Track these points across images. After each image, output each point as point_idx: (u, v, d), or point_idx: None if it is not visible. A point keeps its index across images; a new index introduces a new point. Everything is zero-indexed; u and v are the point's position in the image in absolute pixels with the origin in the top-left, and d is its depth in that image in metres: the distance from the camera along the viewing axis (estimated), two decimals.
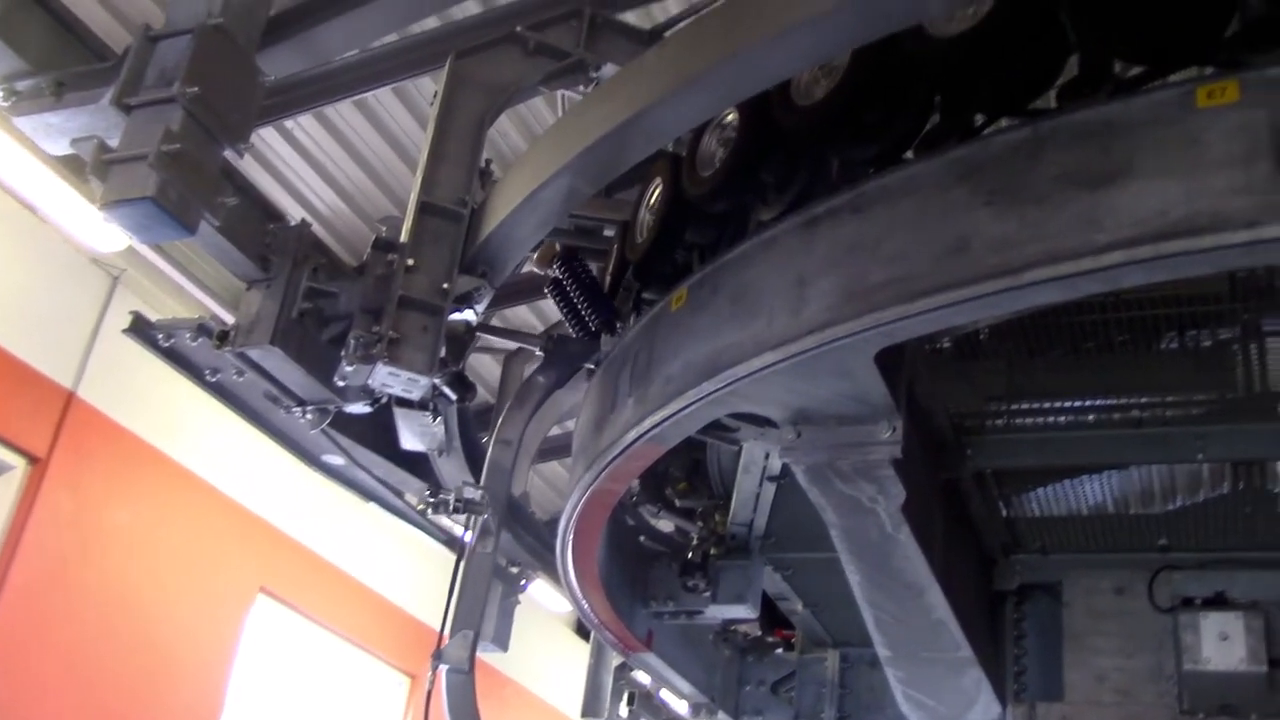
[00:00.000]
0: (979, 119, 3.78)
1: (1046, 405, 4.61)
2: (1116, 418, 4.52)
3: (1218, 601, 4.81)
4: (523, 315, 10.83)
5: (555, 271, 5.01)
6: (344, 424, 4.66)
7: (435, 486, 5.37)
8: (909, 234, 3.29)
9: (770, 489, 4.99)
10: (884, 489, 3.74)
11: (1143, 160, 3.01)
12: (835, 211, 3.54)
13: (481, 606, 4.92)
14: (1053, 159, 3.15)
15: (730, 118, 4.23)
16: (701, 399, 3.68)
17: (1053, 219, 3.06)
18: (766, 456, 4.80)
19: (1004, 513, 5.10)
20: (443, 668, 4.73)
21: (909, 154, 3.84)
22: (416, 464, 5.23)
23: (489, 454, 4.81)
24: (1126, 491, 4.95)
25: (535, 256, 5.37)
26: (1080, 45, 3.68)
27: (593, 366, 4.89)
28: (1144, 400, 4.48)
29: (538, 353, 4.99)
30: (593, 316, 4.85)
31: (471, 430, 5.16)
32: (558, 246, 5.24)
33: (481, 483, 4.99)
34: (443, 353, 4.04)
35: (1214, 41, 3.46)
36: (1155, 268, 2.94)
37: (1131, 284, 3.22)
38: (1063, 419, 4.60)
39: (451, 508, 4.65)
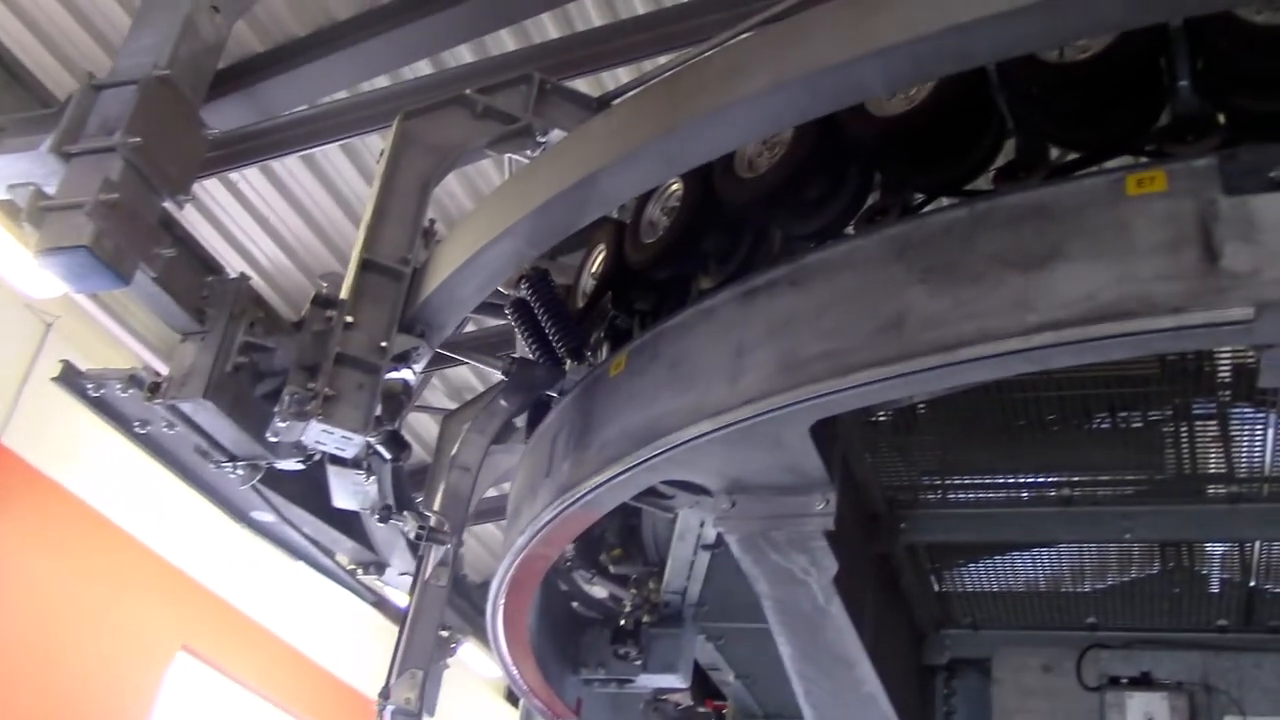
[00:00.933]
0: (918, 197, 3.85)
1: (979, 481, 4.66)
2: (1047, 495, 4.57)
3: (1143, 681, 4.84)
4: (464, 376, 10.80)
5: (521, 292, 4.72)
6: (275, 481, 4.60)
7: (368, 546, 5.31)
8: (846, 308, 3.34)
9: (705, 557, 4.98)
10: (816, 561, 3.75)
11: (1074, 244, 3.08)
12: (774, 283, 3.58)
13: (432, 643, 4.70)
14: (987, 239, 3.22)
15: (675, 187, 4.27)
16: (637, 465, 3.68)
17: (985, 298, 3.11)
18: (701, 524, 4.79)
19: (936, 587, 5.12)
20: (389, 708, 4.59)
21: (850, 229, 3.90)
22: (348, 523, 5.16)
23: (446, 480, 4.58)
24: (1058, 569, 5.00)
25: None
26: (1017, 130, 3.78)
27: (556, 395, 4.63)
28: (1074, 479, 4.54)
29: (500, 376, 4.67)
30: (560, 341, 4.56)
31: (406, 490, 5.10)
32: (526, 266, 5.07)
33: (437, 509, 4.86)
34: (378, 411, 4.00)
35: (1145, 132, 3.56)
36: (1083, 350, 3.00)
37: (1061, 365, 3.28)
38: (995, 495, 4.64)
39: (415, 535, 4.49)
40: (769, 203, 3.92)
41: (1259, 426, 4.23)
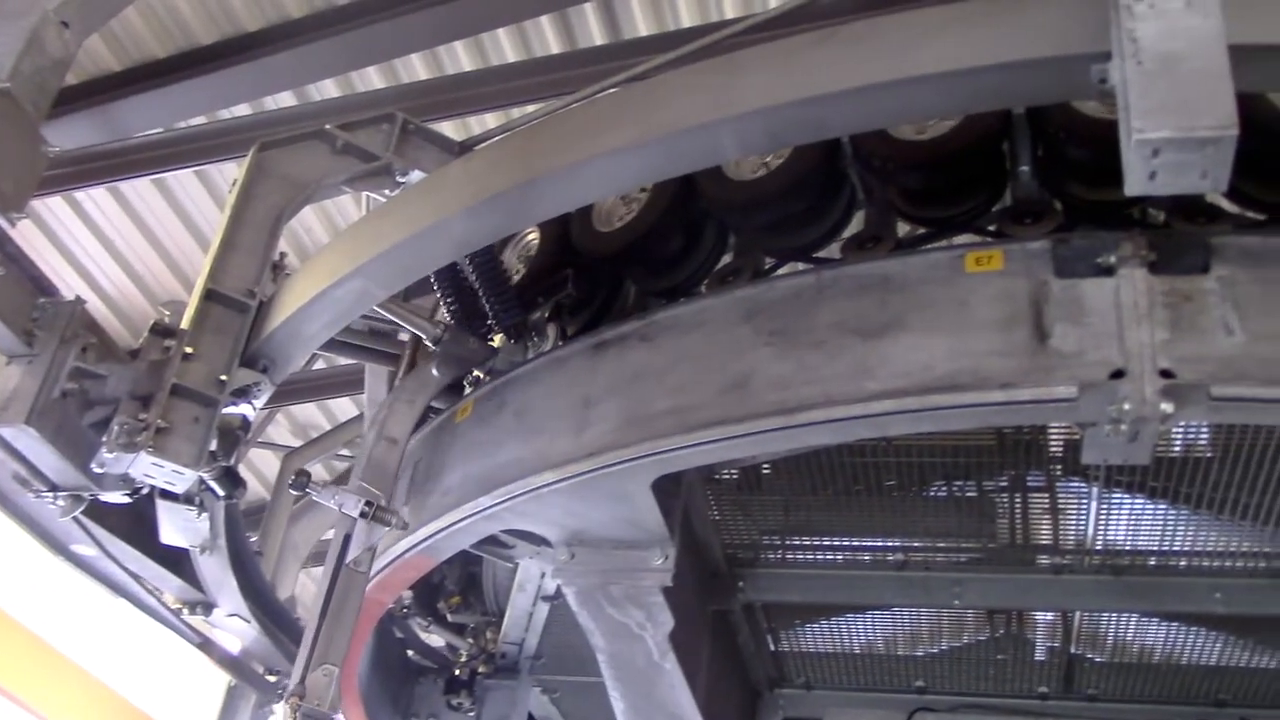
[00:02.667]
0: (770, 261, 3.93)
1: (818, 543, 4.73)
2: (882, 559, 4.66)
3: None
4: (310, 413, 10.56)
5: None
6: (99, 514, 4.40)
7: (196, 585, 5.11)
8: (693, 366, 3.37)
9: (544, 609, 4.94)
10: (652, 616, 3.76)
11: (914, 316, 3.18)
12: (625, 338, 3.60)
13: (348, 638, 4.20)
14: (833, 306, 3.30)
15: (532, 236, 4.28)
16: (478, 513, 3.64)
17: (828, 364, 3.18)
18: (543, 575, 4.75)
19: (771, 646, 5.17)
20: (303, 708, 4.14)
21: (703, 288, 3.95)
22: (176, 561, 4.97)
23: (370, 452, 3.97)
24: (892, 632, 5.10)
25: None
26: (867, 201, 3.90)
27: (484, 376, 4.25)
28: (910, 544, 4.64)
29: (429, 344, 4.23)
30: (500, 315, 4.20)
31: (239, 529, 4.95)
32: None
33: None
34: (213, 446, 3.88)
35: (987, 213, 3.71)
36: (920, 418, 3.08)
37: (898, 432, 3.37)
38: (832, 557, 4.72)
39: (360, 513, 3.78)
40: (624, 257, 3.96)
41: (1085, 500, 4.40)
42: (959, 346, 3.06)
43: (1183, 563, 4.36)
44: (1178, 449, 4.00)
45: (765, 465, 4.50)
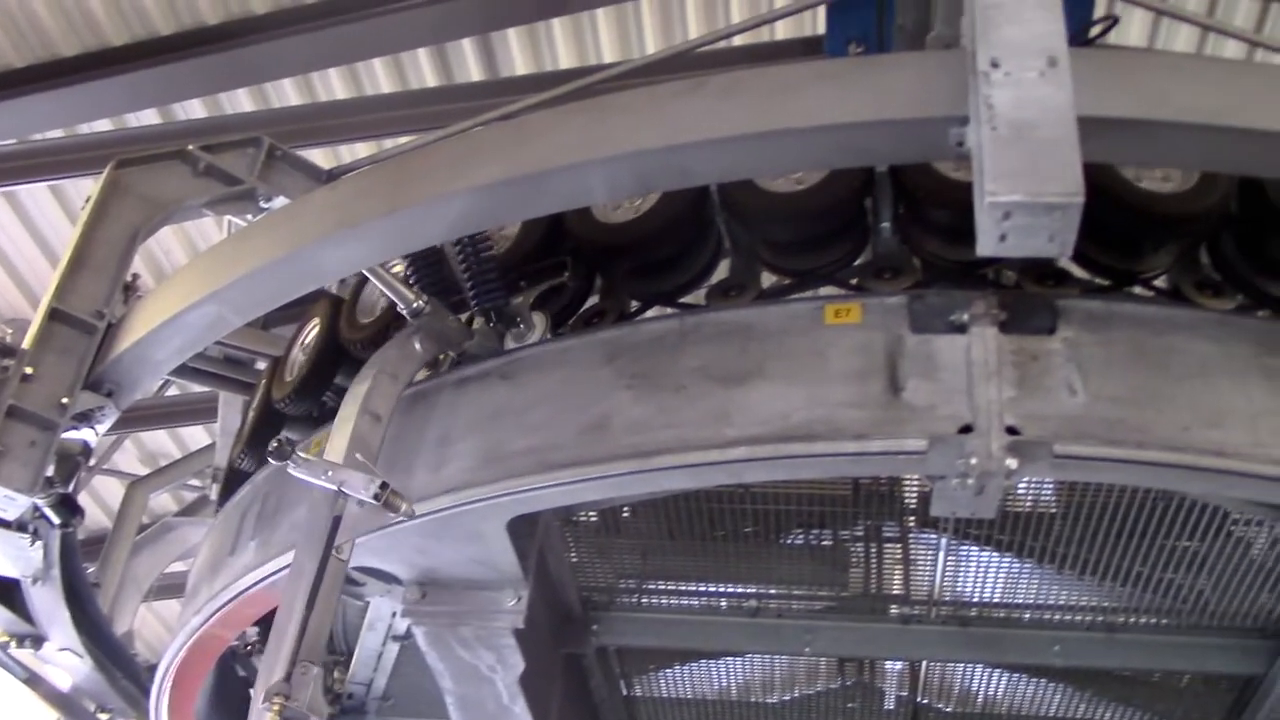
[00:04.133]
0: (635, 304, 3.94)
1: (674, 588, 4.73)
2: (736, 606, 4.68)
3: None
4: (160, 440, 10.24)
5: None
6: None
7: (26, 617, 4.87)
8: (554, 406, 3.36)
9: (394, 649, 4.82)
10: (503, 658, 3.71)
11: (774, 365, 3.22)
12: (486, 375, 3.57)
13: (328, 634, 3.70)
14: (694, 352, 3.32)
15: (398, 267, 4.21)
16: None
17: (687, 409, 3.19)
18: (394, 615, 4.65)
19: (625, 691, 5.14)
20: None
21: (567, 329, 3.94)
22: (6, 592, 4.73)
23: (353, 428, 3.43)
24: (748, 679, 5.12)
25: None
26: (733, 250, 3.95)
27: (456, 358, 3.92)
28: (767, 592, 4.67)
29: (407, 316, 3.74)
30: (478, 296, 3.85)
31: (75, 559, 4.74)
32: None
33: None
34: (50, 472, 3.71)
35: (848, 266, 3.78)
36: (774, 466, 3.11)
37: (754, 479, 3.40)
38: (687, 602, 4.72)
39: (374, 496, 3.39)
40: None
41: (935, 551, 4.49)
42: (815, 396, 3.10)
43: (1025, 615, 4.48)
44: (1028, 504, 4.12)
45: (625, 509, 4.49)
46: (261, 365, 5.35)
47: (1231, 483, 3.05)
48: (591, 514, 4.49)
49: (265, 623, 4.81)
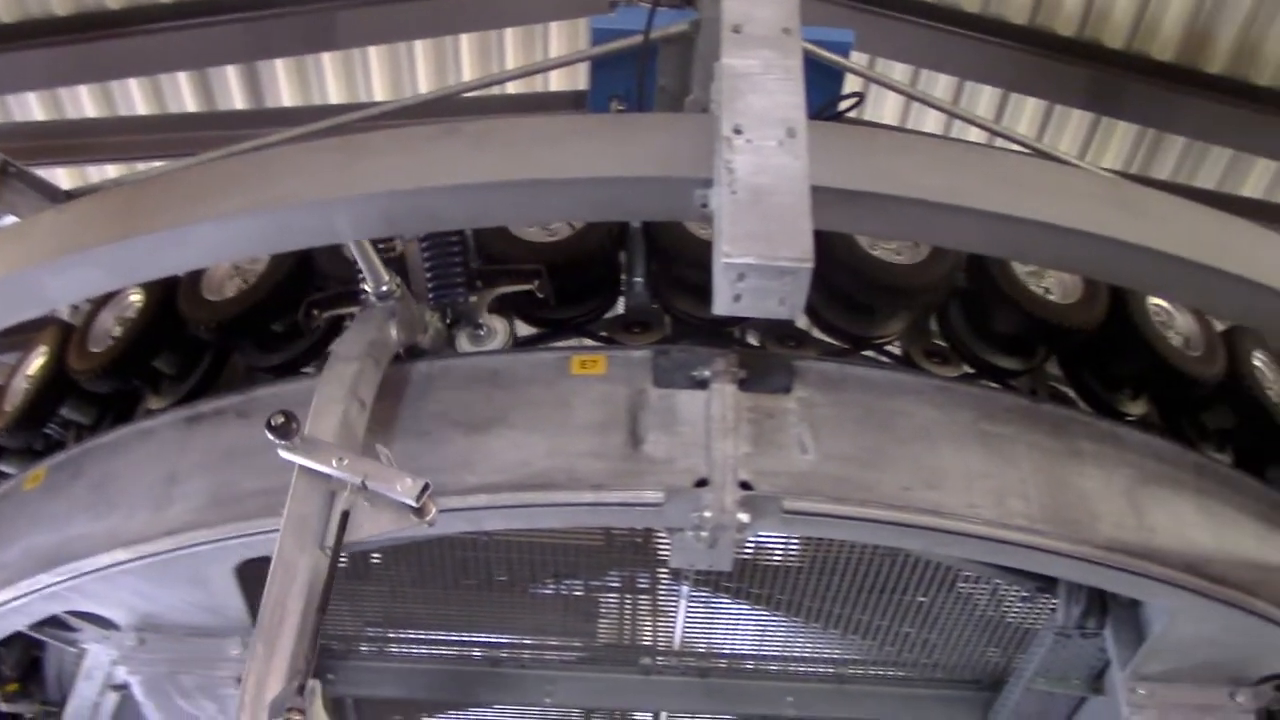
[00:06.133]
0: None
1: (420, 636, 4.64)
2: (476, 656, 4.63)
3: None
4: None
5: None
6: None
7: None
8: None
9: (111, 699, 4.53)
10: (226, 709, 3.55)
11: (518, 413, 3.23)
12: (221, 412, 3.45)
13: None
14: (440, 397, 3.29)
15: (135, 297, 4.02)
16: (36, 591, 3.33)
17: (430, 454, 3.16)
18: (112, 662, 4.39)
19: None
20: None
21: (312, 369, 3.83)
22: None
23: (343, 414, 3.08)
24: None
25: None
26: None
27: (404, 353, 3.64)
28: (516, 641, 4.63)
29: (373, 298, 3.44)
30: (441, 290, 3.65)
31: None
32: None
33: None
34: None
35: (599, 319, 3.83)
36: (513, 515, 3.11)
37: (493, 527, 3.37)
38: (430, 651, 4.63)
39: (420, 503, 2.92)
40: (232, 330, 3.79)
41: (678, 603, 4.55)
42: (557, 446, 3.12)
43: (762, 666, 4.59)
44: (776, 558, 4.22)
45: (376, 554, 4.38)
46: None
47: (946, 541, 3.21)
48: (341, 558, 4.35)
49: None
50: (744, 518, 3.02)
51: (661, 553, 4.38)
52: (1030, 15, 6.85)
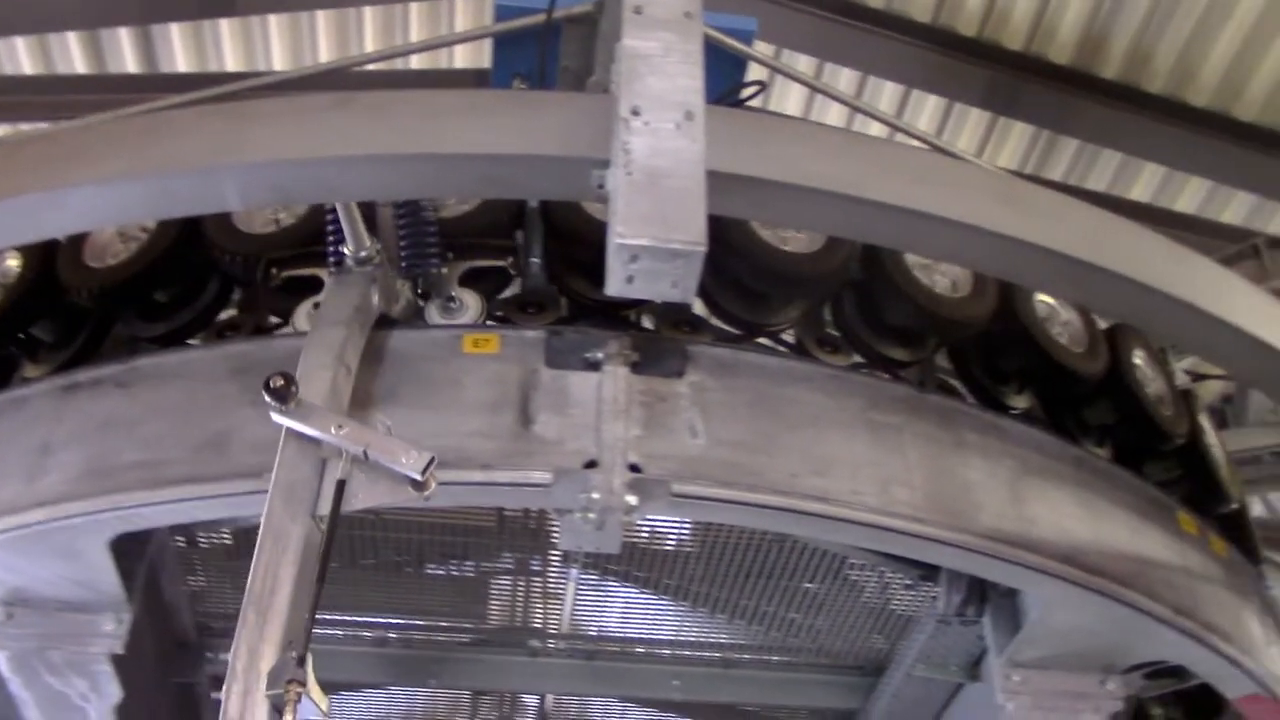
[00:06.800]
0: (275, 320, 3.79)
1: None
2: (366, 636, 4.57)
3: None
4: None
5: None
6: None
7: None
8: (171, 419, 3.18)
9: None
10: (98, 686, 3.45)
11: (408, 391, 3.18)
12: (100, 382, 3.34)
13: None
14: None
15: (12, 263, 3.88)
16: None
17: None
18: None
19: None
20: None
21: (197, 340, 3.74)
22: None
23: (332, 380, 3.01)
24: (389, 711, 5.00)
25: None
26: None
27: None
28: (407, 622, 4.58)
29: (350, 262, 3.33)
30: (408, 262, 3.54)
31: None
32: None
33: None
34: None
35: (494, 298, 3.79)
36: None
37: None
38: (317, 631, 4.52)
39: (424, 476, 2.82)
40: (114, 298, 3.68)
41: (566, 585, 4.54)
42: (446, 425, 3.09)
43: (648, 650, 4.61)
44: (670, 544, 4.23)
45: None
46: None
47: (831, 527, 3.25)
48: (225, 536, 4.27)
49: None
50: (632, 500, 3.01)
51: (553, 535, 4.38)
52: (934, 14, 6.96)
